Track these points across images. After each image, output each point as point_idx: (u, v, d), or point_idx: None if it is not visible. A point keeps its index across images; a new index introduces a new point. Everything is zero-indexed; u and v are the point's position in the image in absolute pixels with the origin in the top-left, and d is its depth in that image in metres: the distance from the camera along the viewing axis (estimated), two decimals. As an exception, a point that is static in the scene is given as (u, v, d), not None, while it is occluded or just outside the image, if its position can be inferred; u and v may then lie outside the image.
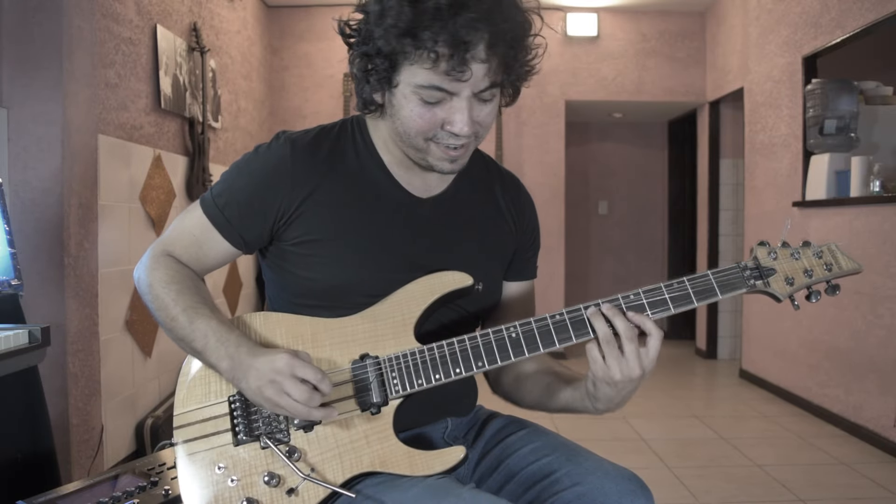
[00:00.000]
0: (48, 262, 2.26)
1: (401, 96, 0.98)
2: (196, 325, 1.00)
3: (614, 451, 3.15)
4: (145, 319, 3.02)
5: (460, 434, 1.17)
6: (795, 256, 1.02)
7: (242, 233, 1.07)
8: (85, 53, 2.39)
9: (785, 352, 4.02)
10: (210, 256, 1.09)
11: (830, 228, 3.54)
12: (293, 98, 5.17)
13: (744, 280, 1.01)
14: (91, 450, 2.46)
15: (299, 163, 1.05)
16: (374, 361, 1.01)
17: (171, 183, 3.28)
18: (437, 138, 0.99)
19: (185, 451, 1.00)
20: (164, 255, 1.08)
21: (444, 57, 0.91)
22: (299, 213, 1.05)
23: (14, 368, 1.52)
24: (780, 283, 1.01)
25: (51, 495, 1.31)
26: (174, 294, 1.02)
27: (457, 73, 0.92)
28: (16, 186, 2.22)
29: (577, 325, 0.99)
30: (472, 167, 1.15)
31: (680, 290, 1.00)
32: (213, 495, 0.98)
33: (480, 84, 0.96)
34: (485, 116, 1.00)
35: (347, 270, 1.05)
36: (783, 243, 1.03)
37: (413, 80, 0.95)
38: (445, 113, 0.97)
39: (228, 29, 4.17)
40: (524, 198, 1.24)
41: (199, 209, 1.08)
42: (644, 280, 1.01)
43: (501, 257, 1.19)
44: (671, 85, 5.27)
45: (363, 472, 0.98)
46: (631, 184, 6.43)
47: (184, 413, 1.02)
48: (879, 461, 2.98)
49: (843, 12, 3.42)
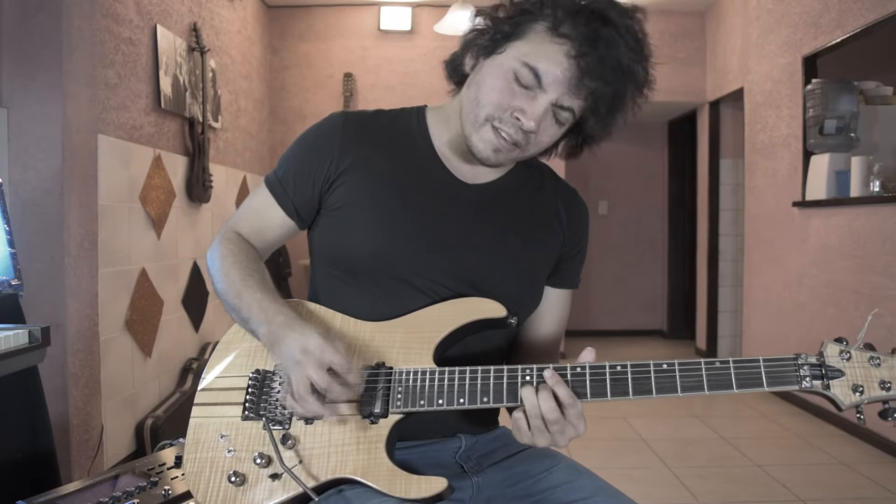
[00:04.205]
0: (48, 262, 2.26)
1: (496, 64, 1.01)
2: (243, 295, 1.03)
3: (614, 451, 3.16)
4: (145, 319, 3.02)
5: (475, 455, 1.11)
6: (874, 363, 0.89)
7: (296, 201, 1.10)
8: (85, 53, 2.39)
9: (785, 352, 4.01)
10: (269, 229, 1.13)
11: (830, 229, 3.54)
12: (293, 98, 5.17)
13: (799, 378, 0.89)
14: (91, 450, 2.46)
15: (349, 132, 1.10)
16: (387, 372, 1.00)
17: (171, 183, 3.28)
18: (500, 121, 1.01)
19: (199, 413, 1.04)
20: (229, 232, 1.13)
21: (565, 54, 0.96)
22: (343, 180, 1.08)
23: (14, 368, 1.52)
24: (844, 388, 0.89)
25: (51, 495, 1.31)
26: (228, 266, 1.06)
27: (565, 74, 0.96)
28: (16, 186, 2.22)
29: (606, 383, 0.93)
30: (526, 167, 1.16)
31: (722, 372, 0.90)
32: (208, 459, 1.01)
33: (565, 99, 0.99)
34: (546, 134, 1.03)
35: (376, 239, 1.05)
36: (865, 345, 0.90)
37: (522, 54, 0.98)
38: (523, 102, 0.99)
39: (228, 29, 4.17)
40: (579, 206, 1.22)
41: (262, 187, 1.13)
42: (644, 280, 1.00)
43: (546, 258, 1.15)
44: (671, 85, 5.27)
45: (344, 477, 0.97)
46: (631, 184, 6.43)
47: (210, 380, 1.06)
48: (879, 461, 2.98)
49: (843, 12, 3.42)
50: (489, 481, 1.08)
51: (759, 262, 4.42)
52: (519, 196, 1.14)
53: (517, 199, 1.14)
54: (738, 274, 5.06)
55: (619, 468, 2.94)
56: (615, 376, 0.92)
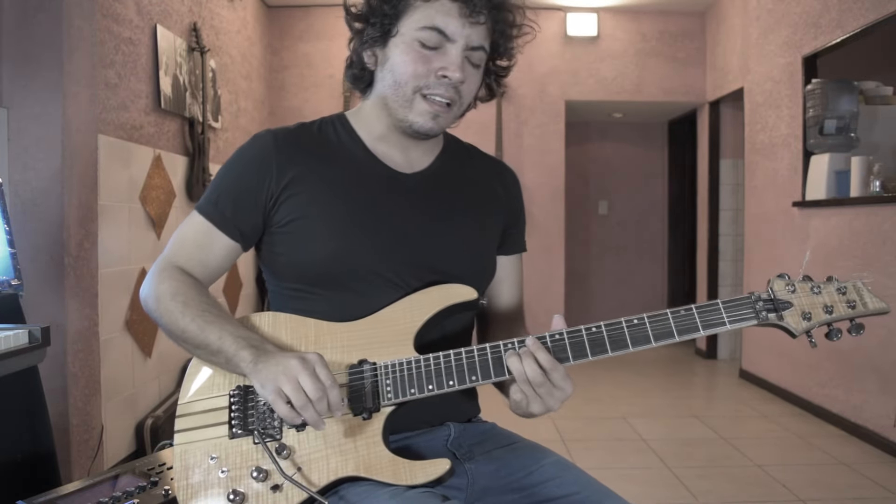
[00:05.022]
0: (48, 262, 2.26)
1: (399, 42, 1.06)
2: (208, 330, 1.01)
3: (614, 451, 3.16)
4: (145, 319, 3.02)
5: (465, 443, 1.13)
6: (815, 291, 0.98)
7: (239, 224, 1.09)
8: (85, 53, 2.39)
9: (785, 352, 4.02)
10: (213, 257, 1.10)
11: (830, 228, 3.54)
12: (293, 98, 5.17)
13: (755, 312, 0.98)
14: (91, 450, 2.46)
15: (282, 149, 1.10)
16: (371, 368, 1.01)
17: (171, 183, 3.28)
18: (428, 88, 1.05)
19: (182, 440, 1.02)
20: (168, 268, 1.09)
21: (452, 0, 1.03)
22: (287, 195, 1.08)
23: (14, 368, 1.52)
24: (795, 317, 0.98)
25: (51, 495, 1.31)
26: (181, 305, 1.03)
27: (461, 12, 1.03)
28: (16, 186, 2.22)
29: (584, 344, 0.99)
30: (452, 147, 1.22)
31: (687, 318, 0.98)
32: (202, 484, 0.99)
33: (474, 39, 1.06)
34: (470, 82, 1.09)
35: (331, 245, 1.06)
36: (804, 277, 1.00)
37: (415, 23, 1.04)
38: (440, 59, 1.05)
39: (228, 29, 4.17)
40: (508, 173, 1.27)
41: (195, 215, 1.11)
42: (644, 280, 1.00)
43: (493, 231, 1.21)
44: (671, 85, 5.27)
45: (348, 476, 0.98)
46: (631, 184, 6.43)
47: (186, 403, 1.04)
48: (879, 461, 2.98)
49: (843, 12, 3.42)
50: (483, 471, 1.10)
51: (759, 262, 4.42)
52: (456, 177, 1.19)
53: (456, 180, 1.19)
54: (738, 274, 5.06)
55: (618, 468, 2.94)
56: (592, 336, 0.99)
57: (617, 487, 1.04)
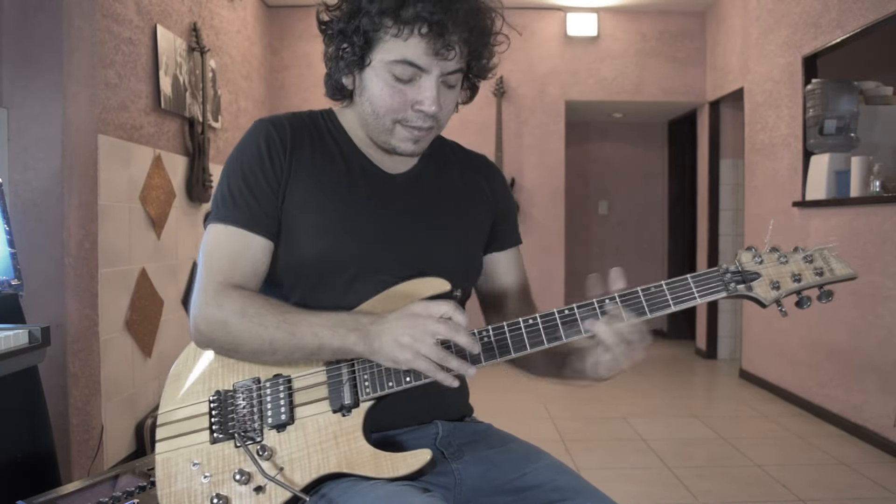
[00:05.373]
0: (48, 262, 2.26)
1: (373, 74, 1.04)
2: (298, 333, 0.98)
3: (614, 452, 3.16)
4: (145, 319, 3.02)
5: (455, 442, 1.12)
6: (783, 260, 0.99)
7: (268, 220, 1.06)
8: (85, 53, 2.39)
9: (785, 352, 4.02)
10: (259, 263, 1.06)
11: (830, 228, 3.54)
12: (293, 98, 5.17)
13: (724, 284, 0.98)
14: (91, 450, 2.46)
15: (284, 136, 1.09)
16: (349, 363, 1.01)
17: (171, 183, 3.28)
18: (405, 120, 1.04)
19: (164, 448, 1.02)
20: (216, 290, 1.02)
21: (423, 35, 0.98)
22: (290, 187, 1.07)
23: (14, 368, 1.52)
24: (764, 287, 0.98)
25: (51, 495, 1.31)
26: (256, 319, 0.99)
27: (433, 48, 0.99)
28: (16, 186, 2.22)
29: (550, 329, 0.99)
30: (436, 149, 1.20)
31: (657, 293, 0.98)
32: (185, 491, 0.99)
33: (449, 66, 1.02)
34: (448, 103, 1.07)
35: (321, 243, 1.05)
36: (771, 248, 1.00)
37: (387, 56, 1.01)
38: (415, 93, 1.03)
39: (228, 29, 4.17)
40: (493, 170, 1.27)
41: (216, 228, 1.05)
42: (644, 280, 1.00)
43: (479, 229, 1.20)
44: (671, 85, 5.27)
45: (330, 472, 0.98)
46: (631, 184, 6.44)
47: (167, 412, 1.04)
48: (879, 461, 2.98)
49: (843, 12, 3.42)
50: (471, 471, 1.09)
51: (759, 262, 4.42)
52: (441, 176, 1.19)
53: (440, 180, 1.19)
54: (738, 274, 5.05)
55: (618, 468, 2.94)
56: (564, 318, 0.99)
57: (617, 487, 1.04)
